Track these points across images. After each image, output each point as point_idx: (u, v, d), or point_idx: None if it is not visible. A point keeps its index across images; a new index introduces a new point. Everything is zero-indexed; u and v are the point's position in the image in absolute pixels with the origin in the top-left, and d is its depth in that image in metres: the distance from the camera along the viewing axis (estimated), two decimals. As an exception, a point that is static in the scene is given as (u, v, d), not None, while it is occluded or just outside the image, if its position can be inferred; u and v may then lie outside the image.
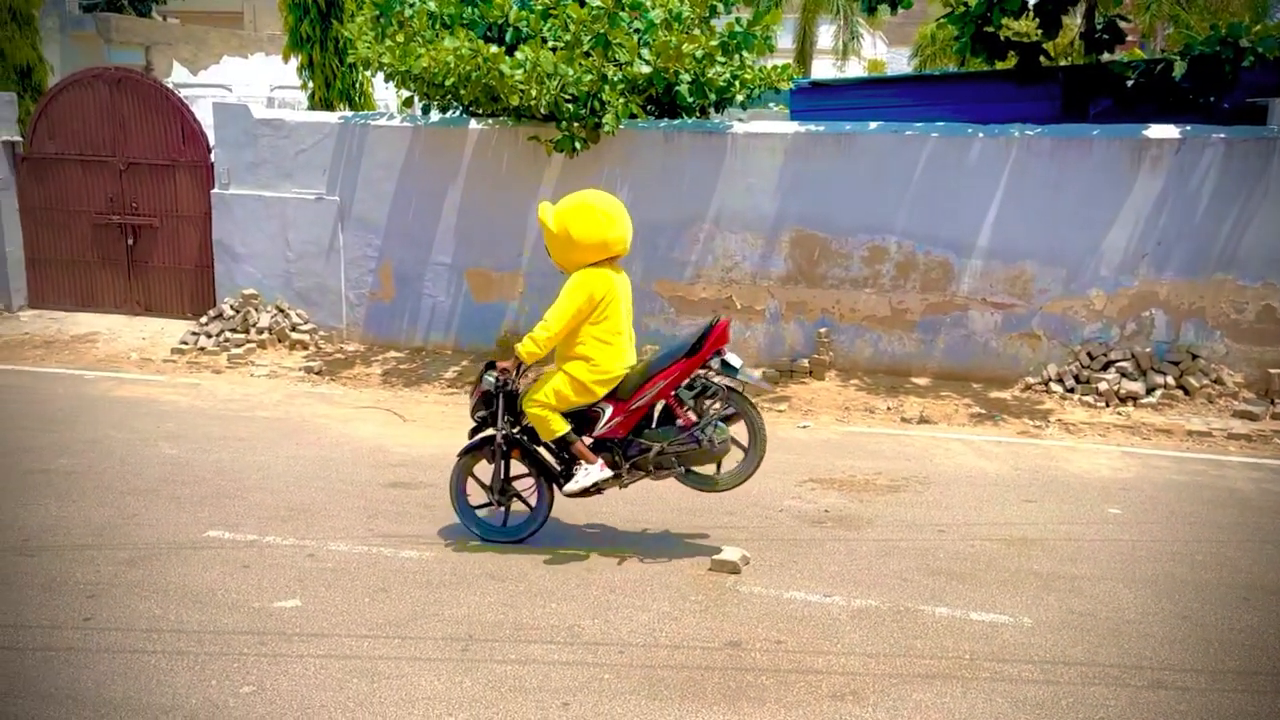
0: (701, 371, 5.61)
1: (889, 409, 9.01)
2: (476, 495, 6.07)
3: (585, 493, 5.74)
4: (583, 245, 5.47)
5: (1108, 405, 8.87)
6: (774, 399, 9.24)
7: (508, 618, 5.08)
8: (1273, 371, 8.87)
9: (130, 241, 11.76)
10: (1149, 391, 8.92)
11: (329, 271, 10.92)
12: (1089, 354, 9.21)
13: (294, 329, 10.91)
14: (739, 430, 5.75)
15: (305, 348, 10.82)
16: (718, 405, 5.68)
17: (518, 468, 5.99)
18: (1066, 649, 4.85)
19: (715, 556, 5.68)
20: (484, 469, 6.04)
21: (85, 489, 6.83)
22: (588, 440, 5.73)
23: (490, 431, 5.91)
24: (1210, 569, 5.78)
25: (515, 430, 5.86)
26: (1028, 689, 4.48)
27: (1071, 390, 9.10)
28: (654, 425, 5.76)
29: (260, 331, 10.83)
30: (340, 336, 11.03)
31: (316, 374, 10.15)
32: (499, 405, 5.79)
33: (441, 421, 8.74)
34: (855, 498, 6.88)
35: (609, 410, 5.64)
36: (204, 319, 11.13)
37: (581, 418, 5.71)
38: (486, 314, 10.60)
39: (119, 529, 6.16)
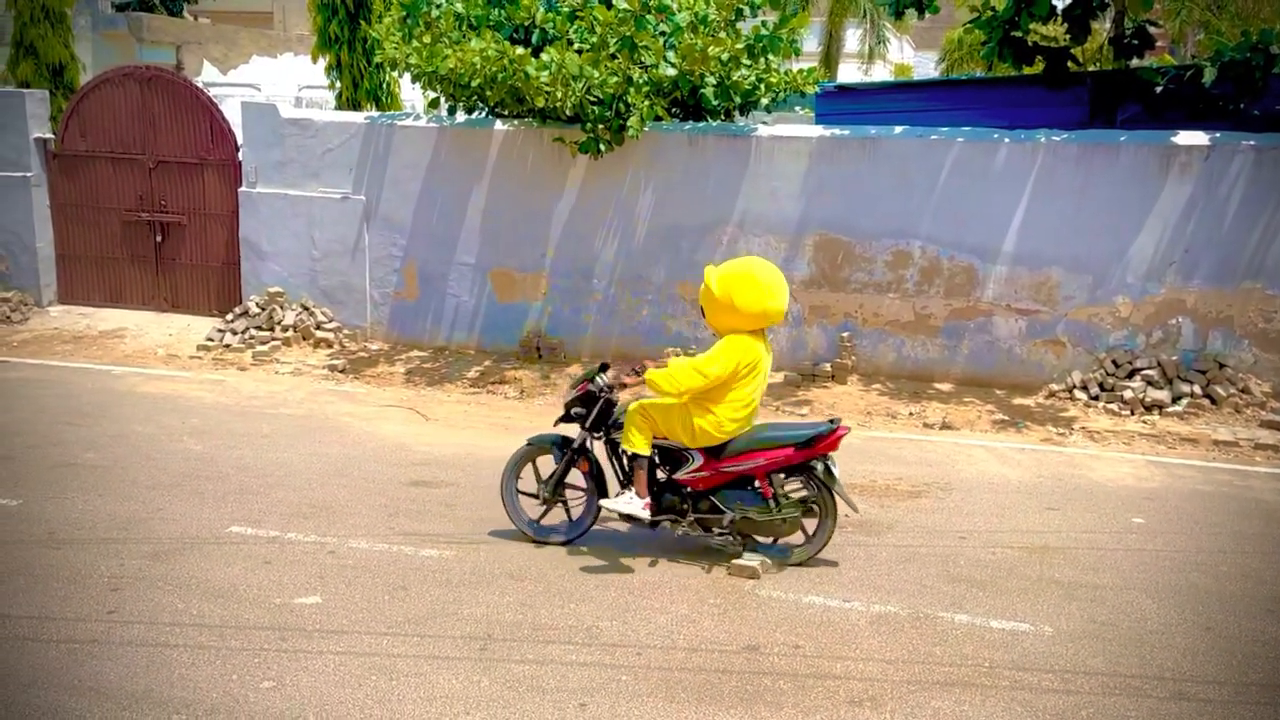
0: (801, 465, 5.66)
1: (911, 414, 8.97)
2: (524, 485, 6.13)
3: (626, 519, 5.79)
4: (743, 314, 5.52)
5: (1133, 413, 8.80)
6: (795, 403, 9.22)
7: (526, 618, 5.10)
8: (1301, 381, 8.78)
9: (159, 239, 11.88)
10: (1175, 400, 8.84)
11: (354, 270, 10.99)
12: (1114, 361, 9.13)
13: (318, 327, 10.98)
14: (808, 521, 5.78)
15: (329, 346, 10.89)
16: (803, 495, 5.69)
17: (574, 478, 6.04)
18: (1087, 659, 4.81)
19: (734, 561, 5.68)
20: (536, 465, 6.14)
21: (111, 483, 6.91)
22: (661, 476, 5.79)
23: (570, 433, 5.99)
24: (1235, 580, 5.72)
25: (600, 437, 5.90)
26: (1047, 698, 4.46)
27: (1096, 398, 9.03)
28: (728, 487, 5.78)
29: (285, 329, 10.90)
30: (364, 335, 11.09)
31: (340, 372, 10.22)
32: (594, 410, 5.84)
33: (464, 421, 8.78)
34: (876, 503, 6.85)
35: (698, 460, 5.68)
36: (230, 316, 11.23)
37: (670, 456, 5.76)
38: (510, 314, 10.63)
39: (143, 523, 6.22)
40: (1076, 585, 5.60)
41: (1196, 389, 8.85)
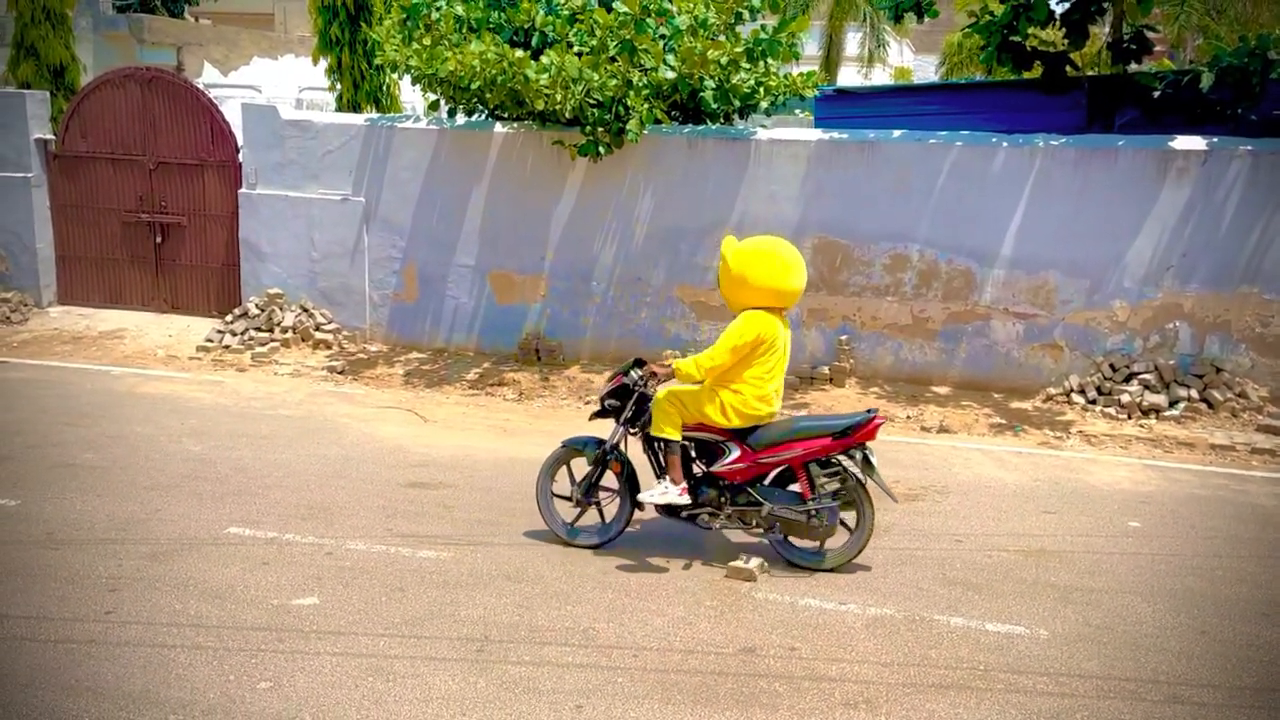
0: (839, 455, 5.66)
1: (909, 418, 8.99)
2: (559, 487, 6.13)
3: (669, 511, 5.78)
4: (755, 289, 5.54)
5: (1130, 417, 8.82)
6: (793, 406, 9.23)
7: (523, 619, 5.11)
8: (1298, 386, 8.80)
9: (158, 240, 11.89)
10: (1172, 404, 8.86)
11: (353, 272, 11.01)
12: (1111, 365, 9.15)
13: (318, 328, 11.00)
14: (846, 516, 5.77)
15: (328, 347, 10.91)
16: (839, 489, 5.68)
17: (609, 481, 6.03)
18: (1082, 662, 4.83)
19: (732, 563, 5.69)
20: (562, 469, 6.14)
21: (109, 484, 6.92)
22: (698, 471, 5.78)
23: (604, 435, 6.00)
24: (1230, 584, 5.74)
25: (637, 432, 5.90)
26: (1042, 701, 4.47)
27: (1093, 402, 9.05)
28: (766, 482, 5.79)
29: (284, 330, 10.92)
30: (363, 336, 11.11)
31: (339, 373, 10.23)
32: (629, 405, 5.83)
33: (462, 422, 8.80)
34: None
35: (735, 452, 5.67)
36: (229, 317, 11.24)
37: (707, 449, 5.76)
38: (509, 316, 10.65)
39: (141, 524, 6.23)
40: (1072, 589, 5.62)
41: (1193, 393, 8.87)
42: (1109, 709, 4.43)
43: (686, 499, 5.67)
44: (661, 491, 5.67)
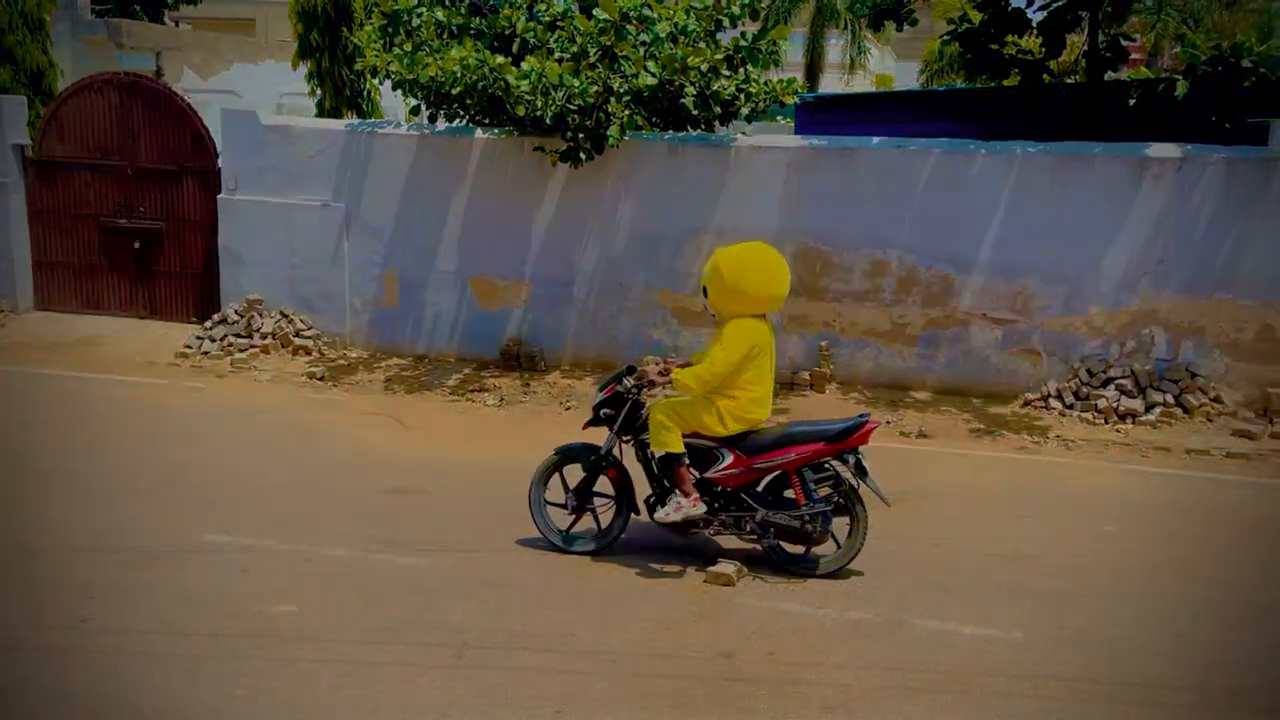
0: (833, 460, 5.68)
1: (888, 423, 9.01)
2: (553, 495, 6.11)
3: (675, 527, 5.76)
4: (750, 297, 5.58)
5: (1107, 422, 8.89)
6: (774, 412, 9.23)
7: (502, 625, 5.11)
8: (1271, 391, 8.86)
9: (137, 245, 11.82)
10: (1148, 409, 8.93)
11: (333, 278, 10.97)
12: (1089, 371, 9.22)
13: (297, 334, 10.95)
14: (839, 523, 5.76)
15: (308, 353, 10.86)
16: (832, 495, 5.69)
17: (603, 486, 6.02)
18: (1058, 665, 4.86)
19: (710, 568, 5.71)
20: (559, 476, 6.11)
21: (86, 490, 6.88)
22: (694, 475, 5.76)
23: (597, 441, 5.99)
24: (1204, 587, 5.79)
25: (630, 440, 5.91)
26: (1018, 704, 4.50)
27: (1071, 407, 9.11)
28: (759, 488, 5.80)
29: (264, 337, 10.88)
30: (343, 343, 11.07)
31: (319, 380, 10.20)
32: (623, 412, 5.84)
33: (443, 429, 8.79)
34: (852, 511, 6.88)
35: (729, 458, 5.68)
36: (208, 323, 11.19)
37: (697, 456, 5.75)
38: (490, 322, 10.64)
39: (118, 531, 6.20)
40: (1048, 592, 5.66)
41: (1169, 398, 8.94)
42: (1084, 711, 4.46)
43: (702, 508, 5.67)
44: (676, 507, 5.63)
